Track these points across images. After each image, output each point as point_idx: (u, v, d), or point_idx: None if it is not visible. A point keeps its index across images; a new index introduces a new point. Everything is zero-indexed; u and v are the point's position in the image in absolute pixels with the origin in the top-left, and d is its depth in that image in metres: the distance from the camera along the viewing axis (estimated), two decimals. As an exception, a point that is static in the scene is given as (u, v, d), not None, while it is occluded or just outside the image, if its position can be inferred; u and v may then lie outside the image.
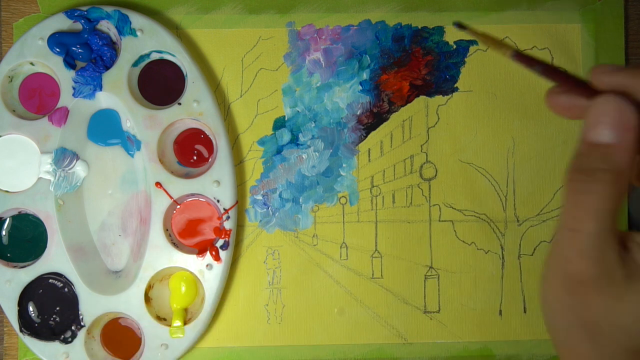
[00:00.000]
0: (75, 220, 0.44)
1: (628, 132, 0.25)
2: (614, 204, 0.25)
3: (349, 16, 0.46)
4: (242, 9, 0.46)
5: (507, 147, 0.46)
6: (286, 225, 0.46)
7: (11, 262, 0.44)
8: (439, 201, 0.46)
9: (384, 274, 0.45)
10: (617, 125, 0.25)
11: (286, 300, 0.45)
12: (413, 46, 0.46)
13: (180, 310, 0.44)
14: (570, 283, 0.27)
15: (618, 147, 0.25)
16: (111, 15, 0.44)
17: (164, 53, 0.44)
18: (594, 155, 0.26)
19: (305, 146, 0.46)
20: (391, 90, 0.46)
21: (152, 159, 0.43)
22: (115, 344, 0.45)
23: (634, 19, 0.46)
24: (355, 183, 0.46)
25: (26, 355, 0.45)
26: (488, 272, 0.45)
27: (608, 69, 0.26)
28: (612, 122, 0.25)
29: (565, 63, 0.46)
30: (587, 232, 0.25)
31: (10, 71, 0.44)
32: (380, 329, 0.45)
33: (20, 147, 0.44)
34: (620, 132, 0.25)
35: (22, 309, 0.43)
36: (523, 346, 0.45)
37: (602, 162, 0.25)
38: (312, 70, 0.46)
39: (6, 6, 0.46)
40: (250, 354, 0.45)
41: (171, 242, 0.44)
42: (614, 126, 0.25)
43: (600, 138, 0.26)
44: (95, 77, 0.43)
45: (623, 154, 0.25)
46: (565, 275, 0.27)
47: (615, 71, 0.26)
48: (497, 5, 0.46)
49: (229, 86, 0.46)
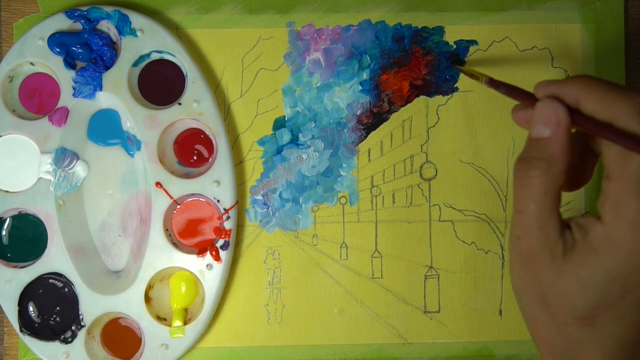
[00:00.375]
0: (75, 220, 0.44)
1: (559, 127, 0.30)
2: (550, 188, 0.30)
3: (349, 16, 0.46)
4: (242, 9, 0.46)
5: (507, 147, 0.46)
6: (286, 225, 0.46)
7: (11, 262, 0.44)
8: (439, 201, 0.46)
9: (384, 274, 0.45)
10: (550, 122, 0.30)
11: (286, 300, 0.45)
12: (413, 46, 0.46)
13: (180, 310, 0.44)
14: (523, 259, 0.31)
15: (551, 140, 0.30)
16: (111, 15, 0.44)
17: (164, 53, 0.44)
18: (533, 148, 0.31)
19: (305, 146, 0.46)
20: (391, 90, 0.46)
21: (152, 159, 0.43)
22: (115, 344, 0.45)
23: (634, 19, 0.46)
24: (355, 183, 0.46)
25: (26, 355, 0.45)
26: (488, 272, 0.45)
27: (544, 83, 0.31)
28: (546, 120, 0.30)
29: (565, 63, 0.46)
30: (529, 212, 0.30)
31: (10, 71, 0.44)
32: (380, 329, 0.45)
33: (20, 147, 0.44)
34: (553, 128, 0.30)
35: (22, 309, 0.43)
36: (523, 346, 0.45)
37: (538, 153, 0.30)
38: (312, 70, 0.46)
39: (6, 6, 0.46)
40: (250, 354, 0.45)
41: (171, 242, 0.44)
42: (547, 123, 0.30)
43: (539, 134, 0.31)
44: (95, 77, 0.43)
45: (555, 146, 0.30)
46: (518, 253, 0.31)
47: (550, 84, 0.31)
48: (497, 5, 0.46)
49: (229, 86, 0.46)
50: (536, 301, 0.31)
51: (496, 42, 0.46)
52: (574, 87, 0.30)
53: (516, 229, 0.31)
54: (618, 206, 0.28)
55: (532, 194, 0.30)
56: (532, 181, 0.30)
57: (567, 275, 0.29)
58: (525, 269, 0.31)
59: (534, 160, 0.30)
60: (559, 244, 0.30)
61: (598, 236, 0.29)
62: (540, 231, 0.30)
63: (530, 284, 0.31)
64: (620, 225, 0.28)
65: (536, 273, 0.30)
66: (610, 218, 0.29)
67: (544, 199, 0.30)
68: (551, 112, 0.30)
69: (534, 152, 0.31)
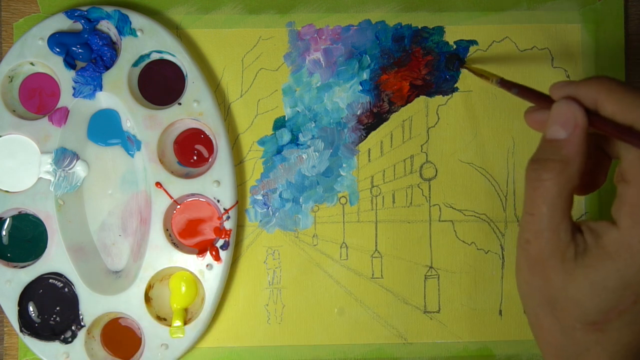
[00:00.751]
0: (75, 220, 0.44)
1: (576, 128, 0.29)
2: (563, 190, 0.29)
3: (349, 16, 0.46)
4: (242, 9, 0.46)
5: (507, 147, 0.46)
6: (286, 225, 0.46)
7: (11, 262, 0.44)
8: (439, 201, 0.46)
9: (384, 274, 0.45)
10: (567, 123, 0.29)
11: (286, 300, 0.45)
12: (413, 46, 0.46)
13: (180, 310, 0.44)
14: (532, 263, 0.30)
15: (567, 141, 0.29)
16: (111, 15, 0.44)
17: (164, 53, 0.44)
18: (548, 149, 0.30)
19: (305, 146, 0.46)
20: (391, 90, 0.46)
21: (152, 159, 0.43)
22: (115, 344, 0.45)
23: (634, 19, 0.46)
24: (355, 183, 0.46)
25: (26, 355, 0.45)
26: (488, 272, 0.45)
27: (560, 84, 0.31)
28: (563, 121, 0.30)
29: (565, 63, 0.46)
30: (541, 215, 0.29)
31: (10, 71, 0.44)
32: (380, 329, 0.45)
33: (20, 147, 0.44)
34: (570, 129, 0.29)
35: (22, 309, 0.43)
36: (523, 346, 0.45)
37: (552, 154, 0.30)
38: (312, 70, 0.46)
39: (6, 6, 0.46)
40: (250, 354, 0.45)
41: (171, 242, 0.44)
42: (564, 124, 0.30)
43: (554, 135, 0.30)
44: (96, 77, 0.43)
45: (570, 147, 0.29)
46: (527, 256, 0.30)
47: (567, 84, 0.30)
48: (497, 5, 0.46)
49: (229, 86, 0.46)
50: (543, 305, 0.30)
51: (496, 42, 0.46)
52: (592, 88, 0.29)
53: (526, 232, 0.30)
54: (636, 211, 0.28)
55: (545, 196, 0.29)
56: (545, 183, 0.29)
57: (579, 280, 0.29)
58: (533, 273, 0.30)
59: (548, 162, 0.30)
60: (571, 248, 0.29)
61: (613, 241, 0.28)
62: (552, 234, 0.29)
63: (539, 288, 0.30)
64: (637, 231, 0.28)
65: (546, 277, 0.30)
66: (627, 223, 0.28)
67: (556, 201, 0.29)
68: (569, 113, 0.29)
69: (549, 153, 0.30)
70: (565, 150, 0.29)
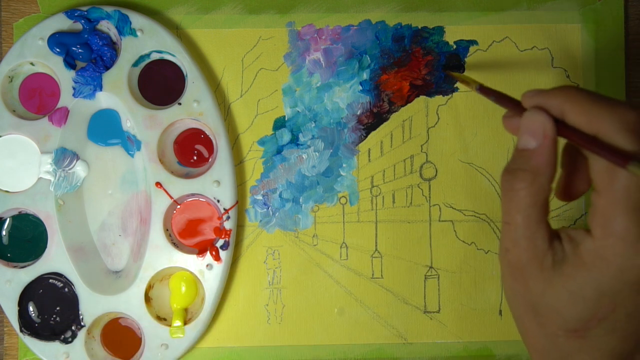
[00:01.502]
0: (75, 220, 0.44)
1: (545, 139, 0.29)
2: (536, 199, 0.29)
3: (349, 16, 0.46)
4: (242, 9, 0.46)
5: (507, 147, 0.46)
6: (286, 225, 0.46)
7: (11, 262, 0.44)
8: (439, 201, 0.46)
9: (384, 274, 0.45)
10: (536, 134, 0.30)
11: (286, 300, 0.45)
12: (413, 46, 0.46)
13: (180, 310, 0.44)
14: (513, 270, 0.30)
15: (537, 151, 0.30)
16: (111, 15, 0.44)
17: (164, 53, 0.44)
18: (519, 159, 0.30)
19: (305, 146, 0.46)
20: (391, 90, 0.46)
21: (152, 159, 0.43)
22: (115, 344, 0.45)
23: (634, 19, 0.46)
24: (355, 183, 0.46)
25: (26, 355, 0.45)
26: (488, 272, 0.45)
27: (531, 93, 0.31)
28: (532, 131, 0.30)
29: (565, 63, 0.46)
30: (516, 224, 0.30)
31: (10, 71, 0.44)
32: (380, 329, 0.45)
33: (20, 147, 0.44)
34: (539, 139, 0.30)
35: (22, 309, 0.43)
36: (523, 346, 0.45)
37: (523, 164, 0.30)
38: (312, 70, 0.46)
39: (6, 6, 0.46)
40: (250, 354, 0.45)
41: (171, 242, 0.44)
42: (533, 134, 0.30)
43: (525, 145, 0.30)
44: (96, 77, 0.43)
45: (540, 158, 0.29)
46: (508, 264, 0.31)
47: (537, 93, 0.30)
48: (497, 5, 0.46)
49: (229, 86, 0.46)
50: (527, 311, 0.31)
51: (496, 42, 0.46)
52: (559, 98, 0.29)
53: (504, 241, 0.31)
54: (606, 222, 0.28)
55: (518, 206, 0.30)
56: (518, 193, 0.30)
57: (557, 288, 0.29)
58: (515, 279, 0.31)
59: (519, 172, 0.30)
60: (548, 255, 0.29)
61: (588, 250, 0.29)
62: (529, 242, 0.30)
63: (522, 295, 0.30)
64: (609, 241, 0.28)
65: (526, 284, 0.30)
66: (599, 233, 0.28)
67: (530, 211, 0.29)
68: (537, 123, 0.30)
69: (519, 163, 0.30)
70: (535, 161, 0.30)
